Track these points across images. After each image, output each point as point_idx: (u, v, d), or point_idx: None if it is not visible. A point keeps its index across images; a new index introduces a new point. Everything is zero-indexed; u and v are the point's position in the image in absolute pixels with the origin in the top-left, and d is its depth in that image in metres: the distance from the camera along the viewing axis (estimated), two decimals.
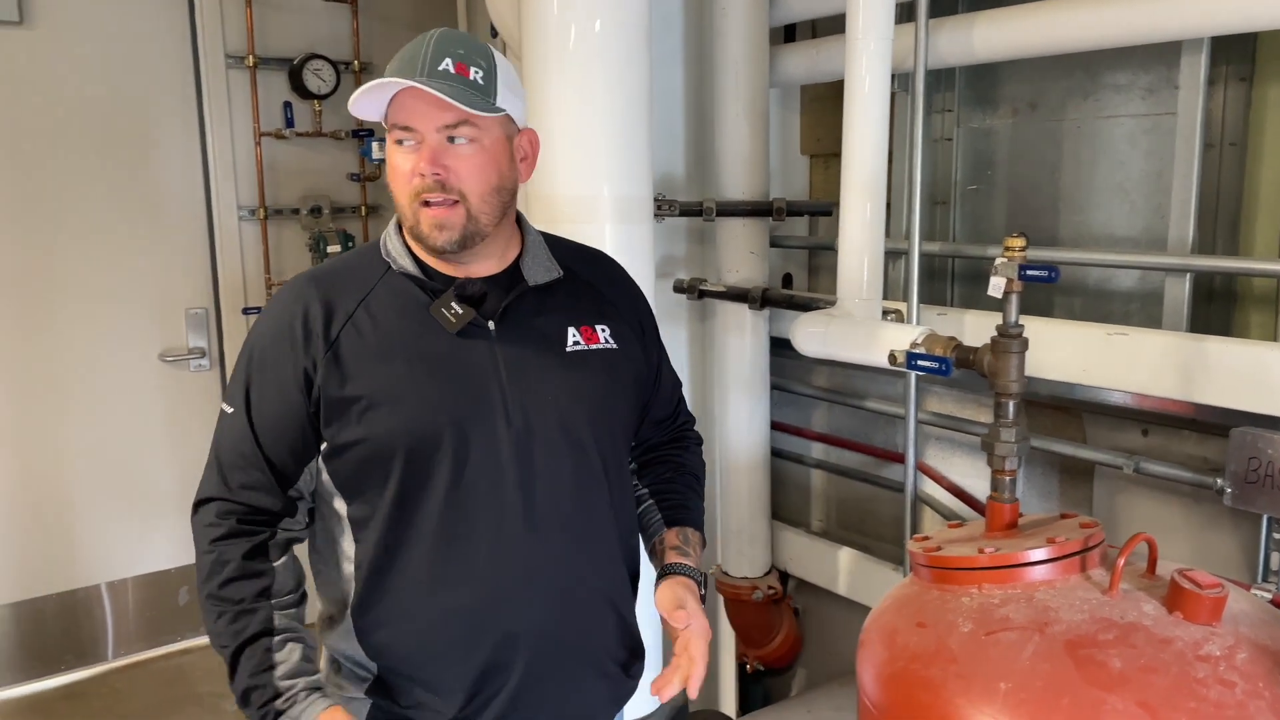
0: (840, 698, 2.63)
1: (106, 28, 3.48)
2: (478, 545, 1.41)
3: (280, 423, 1.42)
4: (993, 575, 1.46)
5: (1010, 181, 2.54)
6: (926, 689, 1.36)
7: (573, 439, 1.46)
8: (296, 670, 1.39)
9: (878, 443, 2.77)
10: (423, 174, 1.36)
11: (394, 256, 1.46)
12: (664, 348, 1.68)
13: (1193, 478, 1.94)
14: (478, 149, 1.39)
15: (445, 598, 1.42)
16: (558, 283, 1.51)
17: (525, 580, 1.43)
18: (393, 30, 4.00)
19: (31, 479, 3.54)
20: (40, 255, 3.47)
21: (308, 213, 3.89)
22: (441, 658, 1.44)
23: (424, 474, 1.40)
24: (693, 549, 1.59)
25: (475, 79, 1.37)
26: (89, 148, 3.50)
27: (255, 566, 1.42)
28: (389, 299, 1.44)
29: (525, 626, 1.44)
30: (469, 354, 1.42)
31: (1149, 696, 1.22)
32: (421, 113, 1.36)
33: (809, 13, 2.58)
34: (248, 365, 1.46)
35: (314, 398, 1.41)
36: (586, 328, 1.50)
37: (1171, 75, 2.14)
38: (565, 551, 1.46)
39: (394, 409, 1.39)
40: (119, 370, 3.64)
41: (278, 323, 1.44)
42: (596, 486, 1.49)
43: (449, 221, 1.38)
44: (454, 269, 1.46)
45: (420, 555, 1.42)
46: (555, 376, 1.46)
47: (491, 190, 1.41)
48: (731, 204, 2.60)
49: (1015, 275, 1.51)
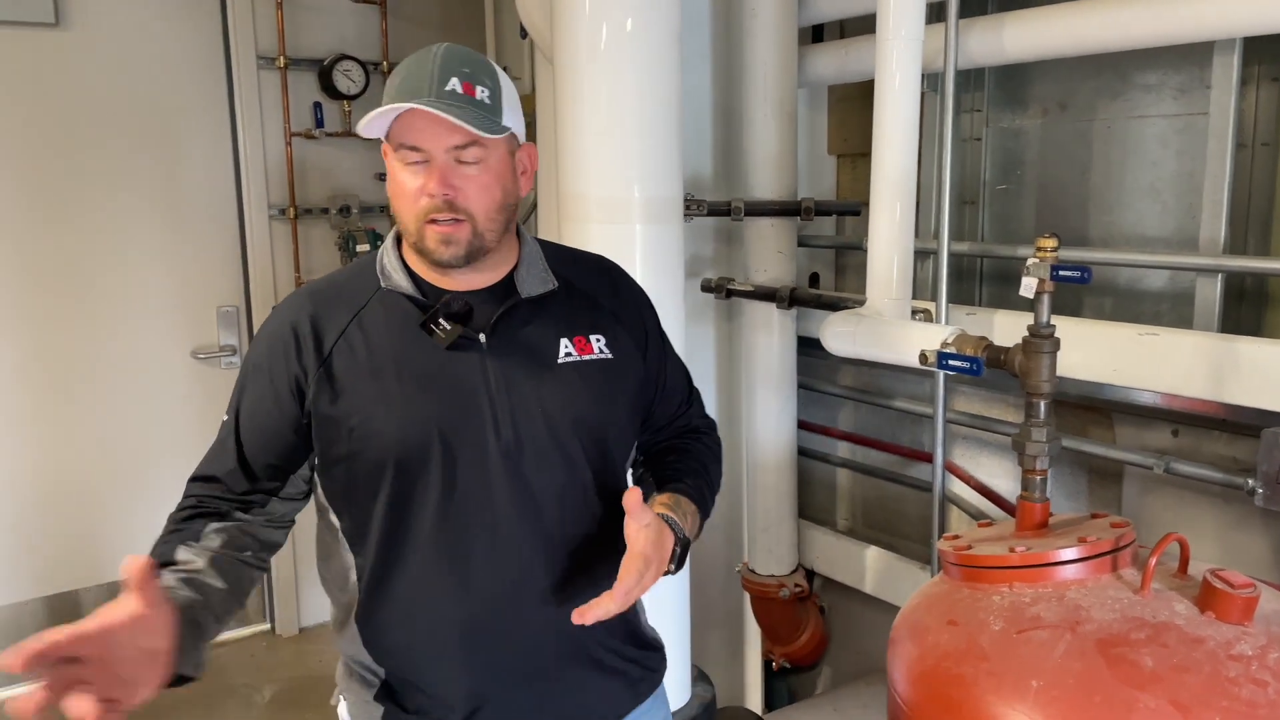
0: (866, 696, 2.64)
1: (141, 30, 3.53)
2: (471, 554, 1.42)
3: (268, 431, 1.44)
4: (1024, 574, 1.46)
5: (1040, 181, 2.54)
6: (958, 686, 1.37)
7: (564, 451, 1.45)
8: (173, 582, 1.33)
9: (904, 442, 2.77)
10: (432, 194, 1.36)
11: (388, 273, 1.47)
12: (670, 351, 1.66)
13: (1223, 478, 1.94)
14: (484, 169, 1.39)
15: (442, 606, 1.43)
16: (552, 294, 1.50)
17: (521, 587, 1.44)
18: (421, 31, 4.03)
19: (64, 475, 3.59)
20: (74, 254, 3.52)
21: (337, 212, 3.93)
22: (442, 664, 1.45)
23: (414, 486, 1.41)
24: (684, 514, 1.47)
25: (482, 99, 1.37)
26: (123, 148, 3.55)
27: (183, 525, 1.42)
28: (381, 315, 1.45)
29: (523, 632, 1.45)
30: (459, 367, 1.43)
31: (1181, 695, 1.23)
32: (430, 133, 1.35)
33: (838, 13, 2.59)
34: (243, 376, 1.49)
35: (305, 409, 1.42)
36: (580, 338, 1.50)
37: (1203, 75, 2.14)
38: (560, 558, 1.46)
39: (383, 423, 1.40)
40: (151, 367, 3.69)
41: (273, 335, 1.46)
42: (589, 496, 1.48)
43: (455, 238, 1.38)
44: (449, 283, 1.46)
45: (416, 565, 1.43)
46: (546, 388, 1.45)
47: (497, 208, 1.41)
48: (760, 204, 2.61)
49: (1047, 276, 1.52)
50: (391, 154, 1.39)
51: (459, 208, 1.37)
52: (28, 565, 3.57)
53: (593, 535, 1.49)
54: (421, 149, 1.36)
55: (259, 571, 1.47)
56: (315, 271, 3.90)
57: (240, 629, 3.99)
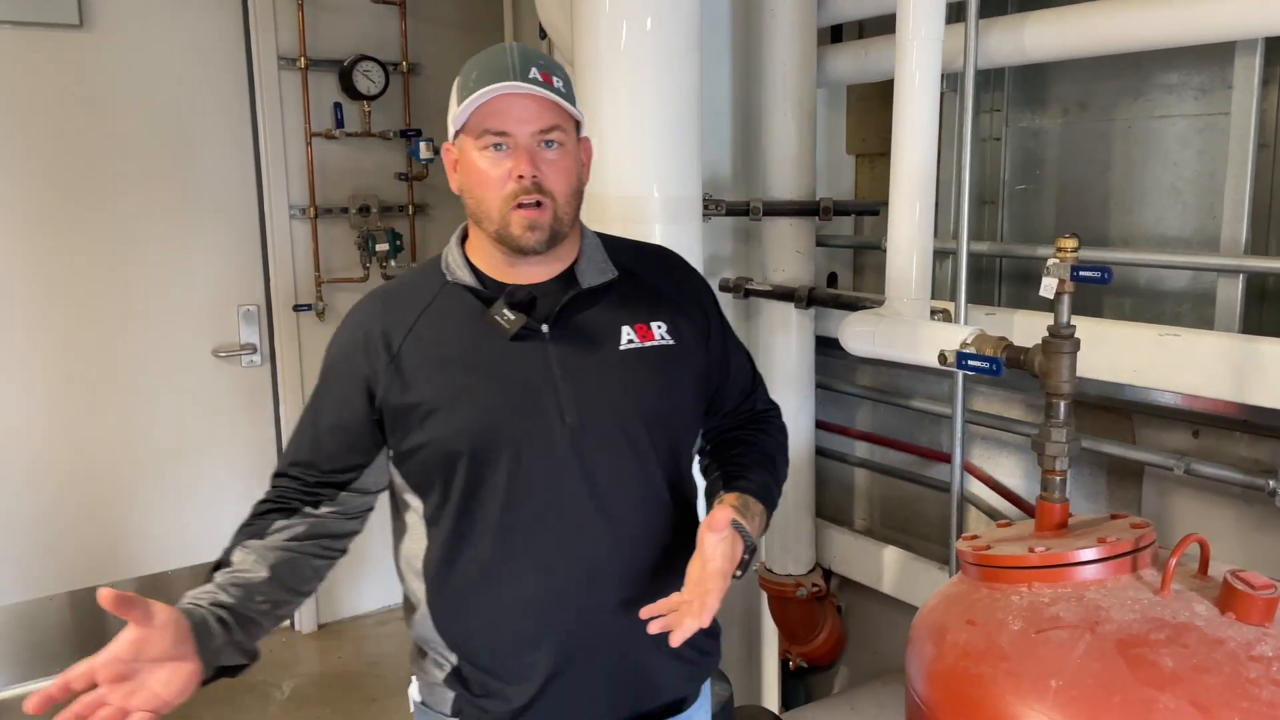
0: (884, 696, 2.63)
1: (164, 31, 3.57)
2: (538, 539, 1.46)
3: (339, 428, 1.52)
4: (1043, 574, 1.46)
5: (1059, 181, 2.53)
6: (976, 686, 1.37)
7: (627, 435, 1.49)
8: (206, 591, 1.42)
9: (922, 442, 2.77)
10: (522, 176, 1.40)
11: (452, 269, 1.52)
12: (733, 338, 1.68)
13: (1244, 479, 1.93)
14: (564, 153, 1.44)
15: (510, 590, 1.48)
16: (613, 283, 1.54)
17: (587, 571, 1.48)
18: (440, 31, 4.05)
19: (86, 472, 3.63)
20: (96, 253, 3.56)
21: (356, 212, 3.95)
22: (510, 648, 1.49)
23: (484, 473, 1.45)
24: (752, 517, 1.48)
25: (559, 87, 1.43)
26: (146, 148, 3.59)
27: (268, 507, 1.53)
28: (448, 309, 1.50)
29: (590, 616, 1.48)
30: (523, 357, 1.47)
31: (1201, 695, 1.22)
32: (517, 117, 1.40)
33: (858, 13, 2.59)
34: (322, 376, 1.57)
35: (376, 405, 1.48)
36: (641, 326, 1.53)
37: (1225, 75, 2.13)
38: (627, 543, 1.49)
39: (453, 413, 1.45)
40: (172, 366, 3.73)
41: (345, 339, 1.54)
42: (654, 480, 1.52)
43: (539, 222, 1.42)
44: (512, 276, 1.50)
45: (485, 550, 1.47)
46: (608, 375, 1.49)
47: (574, 192, 1.47)
48: (778, 203, 2.62)
49: (1067, 276, 1.52)
50: (471, 144, 1.43)
51: (545, 189, 1.41)
52: (51, 561, 3.61)
53: (658, 519, 1.53)
54: (508, 133, 1.40)
55: (327, 562, 1.55)
56: (335, 271, 3.93)
57: None
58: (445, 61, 4.05)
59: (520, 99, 1.39)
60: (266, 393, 3.93)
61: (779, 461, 1.66)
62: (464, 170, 1.46)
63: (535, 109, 1.40)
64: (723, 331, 1.66)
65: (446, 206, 4.16)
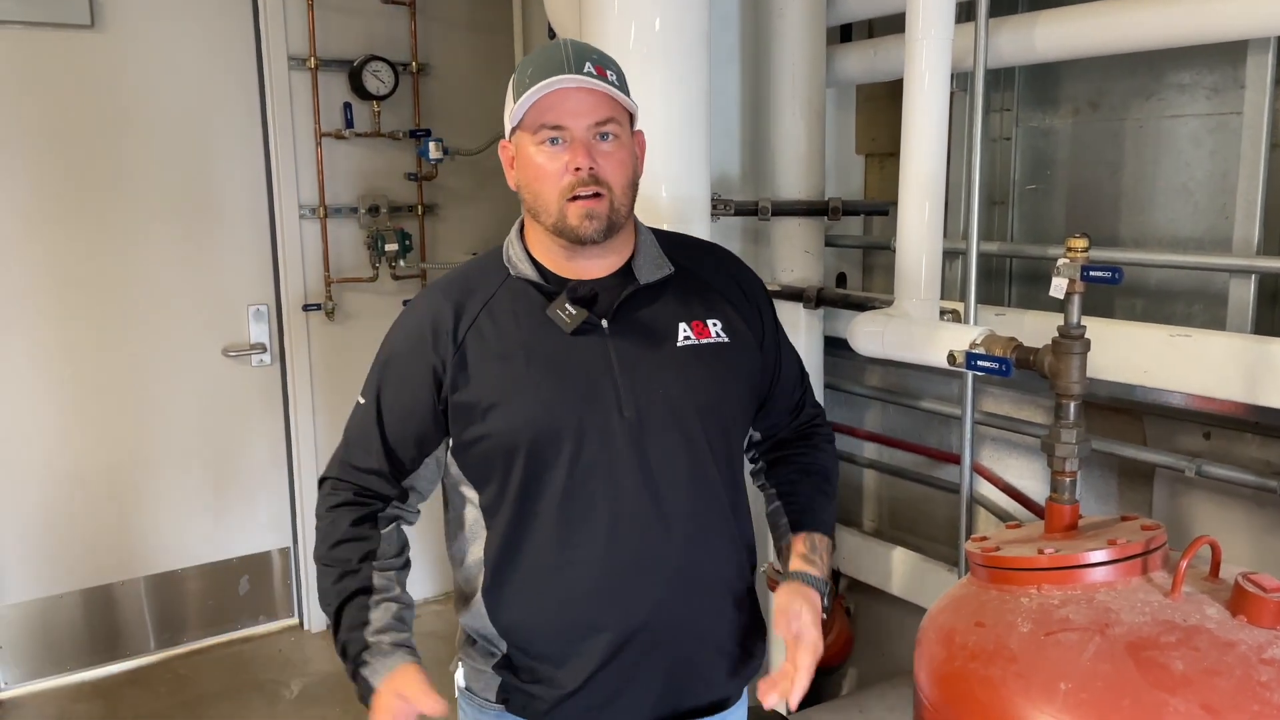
0: (893, 697, 2.63)
1: (174, 31, 3.58)
2: (596, 531, 1.48)
3: (406, 417, 1.53)
4: (1052, 576, 1.45)
5: (1070, 181, 2.52)
6: (985, 688, 1.37)
7: (684, 430, 1.51)
8: (386, 626, 1.50)
9: (931, 443, 2.76)
10: (579, 168, 1.42)
11: (514, 262, 1.54)
12: (785, 339, 1.71)
13: (1255, 481, 1.92)
14: (620, 145, 1.46)
15: (567, 582, 1.50)
16: (669, 279, 1.55)
17: (643, 564, 1.49)
18: (450, 32, 4.05)
19: (98, 470, 3.64)
20: (106, 252, 3.57)
21: (366, 212, 3.96)
22: (565, 638, 1.51)
23: (544, 465, 1.48)
24: (820, 556, 1.61)
25: (613, 80, 1.44)
26: (157, 148, 3.60)
27: (362, 532, 1.54)
28: (509, 303, 1.52)
29: (645, 608, 1.50)
30: (584, 352, 1.49)
31: (1212, 699, 1.22)
32: (573, 111, 1.42)
33: (867, 12, 2.58)
34: (383, 364, 1.57)
35: (442, 396, 1.50)
36: (697, 323, 1.55)
37: (1237, 74, 2.12)
38: (681, 536, 1.51)
39: (515, 406, 1.48)
40: (183, 365, 3.74)
41: (411, 327, 1.56)
42: (709, 475, 1.54)
43: (596, 212, 1.44)
44: (572, 270, 1.52)
45: (543, 541, 1.50)
46: (666, 371, 1.51)
47: (630, 184, 1.49)
48: (787, 203, 2.61)
49: (1078, 276, 1.51)
50: (528, 139, 1.45)
51: (601, 181, 1.43)
52: (63, 559, 3.62)
53: (712, 513, 1.55)
54: (565, 126, 1.42)
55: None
56: (345, 271, 3.94)
57: (269, 623, 4.03)
58: (455, 62, 4.05)
59: (575, 93, 1.41)
60: (276, 392, 3.94)
61: (832, 478, 1.73)
62: (521, 166, 1.48)
63: (590, 102, 1.42)
64: (776, 331, 1.68)
65: (456, 207, 4.16)
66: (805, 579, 1.56)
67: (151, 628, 3.81)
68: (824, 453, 1.73)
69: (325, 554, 1.55)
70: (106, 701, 3.53)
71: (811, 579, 1.57)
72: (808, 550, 1.61)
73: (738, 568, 1.61)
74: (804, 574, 1.57)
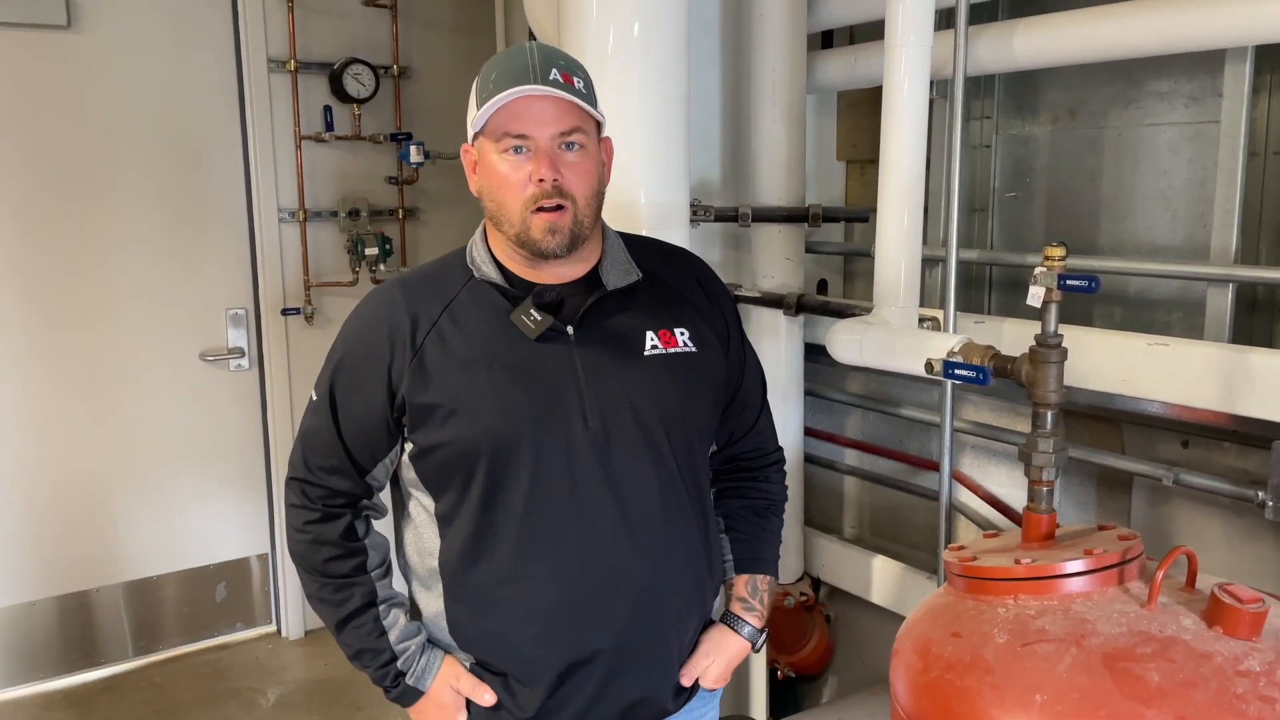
0: (872, 705, 2.62)
1: (152, 33, 3.54)
2: (558, 544, 1.46)
3: (362, 420, 1.50)
4: (1029, 586, 1.45)
5: (1049, 189, 2.52)
6: (961, 699, 1.35)
7: (649, 441, 1.49)
8: (406, 633, 1.53)
9: (912, 450, 2.76)
10: (543, 179, 1.39)
11: (478, 264, 1.51)
12: (750, 352, 1.70)
13: (1233, 490, 1.92)
14: (585, 155, 1.43)
15: (528, 595, 1.47)
16: (637, 286, 1.54)
17: (606, 577, 1.48)
18: (432, 35, 4.03)
19: (73, 475, 3.60)
20: (84, 255, 3.53)
21: (346, 215, 3.93)
22: (526, 652, 1.49)
23: (505, 475, 1.45)
24: (760, 599, 1.68)
25: (580, 88, 1.41)
26: (133, 151, 3.56)
27: (351, 545, 1.54)
28: (472, 307, 1.49)
29: (607, 622, 1.48)
30: (548, 359, 1.46)
31: (1187, 711, 1.21)
32: (537, 120, 1.39)
33: (847, 19, 2.58)
34: (336, 362, 1.53)
35: (398, 401, 1.47)
36: (665, 331, 1.53)
37: (1215, 83, 2.12)
38: (644, 549, 1.49)
39: (476, 413, 1.44)
40: (160, 369, 3.70)
41: (367, 325, 1.52)
42: (673, 487, 1.52)
43: (559, 226, 1.41)
44: (537, 275, 1.49)
45: (504, 553, 1.47)
46: (632, 380, 1.49)
47: (595, 194, 1.46)
48: (767, 210, 2.60)
49: (1054, 285, 1.50)
50: (491, 147, 1.42)
51: (565, 193, 1.41)
52: (38, 565, 3.57)
53: (676, 523, 1.53)
54: (529, 136, 1.39)
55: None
56: (325, 275, 3.91)
57: (246, 631, 3.99)
58: (437, 65, 4.03)
59: (540, 101, 1.38)
60: (255, 397, 3.91)
61: (780, 512, 1.76)
62: (484, 173, 1.45)
63: (555, 111, 1.39)
64: (741, 343, 1.67)
65: (437, 211, 4.13)
66: (735, 625, 1.64)
67: (127, 635, 3.77)
68: (774, 485, 1.75)
69: (319, 566, 1.54)
70: (80, 710, 3.49)
71: (743, 627, 1.65)
72: (748, 594, 1.67)
73: (702, 578, 1.59)
74: (736, 620, 1.65)
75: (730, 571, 1.69)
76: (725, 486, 1.72)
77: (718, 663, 1.62)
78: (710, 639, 1.63)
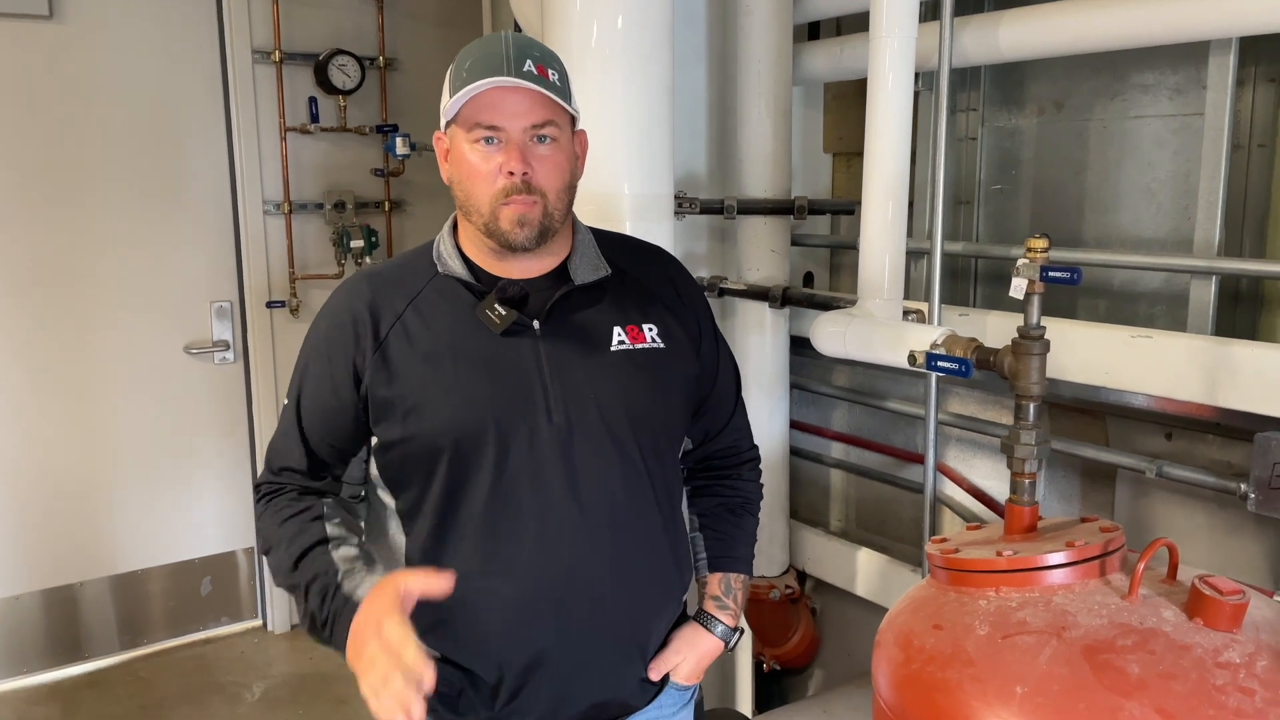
0: (858, 698, 2.62)
1: (135, 23, 3.52)
2: (522, 540, 1.44)
3: (327, 415, 1.49)
4: (1010, 578, 1.44)
5: (1035, 181, 2.52)
6: (942, 691, 1.35)
7: (614, 437, 1.47)
8: (353, 557, 1.46)
9: (898, 443, 2.75)
10: (512, 173, 1.38)
11: (444, 259, 1.49)
12: (724, 351, 1.68)
13: (1216, 482, 1.92)
14: (557, 148, 1.42)
15: (492, 590, 1.45)
16: (605, 281, 1.52)
17: (571, 572, 1.46)
18: (418, 26, 4.01)
19: (58, 469, 3.58)
20: (67, 248, 3.51)
21: (332, 207, 3.91)
22: (491, 648, 1.47)
23: (468, 470, 1.43)
24: (733, 598, 1.66)
25: (554, 81, 1.40)
26: (117, 142, 3.54)
27: (305, 503, 1.50)
28: (437, 300, 1.47)
29: (572, 618, 1.47)
30: (513, 353, 1.45)
31: (1167, 703, 1.21)
32: (510, 112, 1.38)
33: (833, 10, 2.57)
34: (305, 360, 1.53)
35: (362, 394, 1.46)
36: (633, 327, 1.52)
37: (1200, 75, 2.12)
38: (610, 544, 1.48)
39: (439, 407, 1.43)
40: (144, 362, 3.68)
41: (330, 321, 1.50)
42: (639, 483, 1.51)
43: (529, 218, 1.40)
44: (504, 269, 1.48)
45: (467, 549, 1.45)
46: (598, 375, 1.47)
47: (566, 188, 1.45)
48: (753, 202, 2.60)
49: (1037, 277, 1.50)
50: (462, 136, 1.40)
51: (535, 187, 1.39)
52: (23, 558, 3.56)
53: (642, 521, 1.52)
54: (501, 128, 1.38)
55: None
56: (310, 268, 3.89)
57: (231, 625, 3.98)
58: (423, 56, 4.01)
59: (514, 92, 1.37)
60: (240, 390, 3.89)
61: (755, 511, 1.75)
62: (454, 162, 1.44)
63: (528, 104, 1.38)
64: (714, 340, 1.65)
65: (424, 203, 4.12)
66: (708, 624, 1.63)
67: (112, 629, 3.75)
68: (749, 483, 1.74)
69: (274, 528, 1.48)
70: (65, 704, 3.48)
71: (716, 626, 1.63)
72: (721, 592, 1.66)
73: (668, 576, 1.58)
74: (709, 618, 1.63)
75: (704, 570, 1.68)
76: (699, 485, 1.71)
77: (689, 660, 1.61)
78: (682, 636, 1.62)
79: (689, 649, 1.61)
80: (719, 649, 1.64)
